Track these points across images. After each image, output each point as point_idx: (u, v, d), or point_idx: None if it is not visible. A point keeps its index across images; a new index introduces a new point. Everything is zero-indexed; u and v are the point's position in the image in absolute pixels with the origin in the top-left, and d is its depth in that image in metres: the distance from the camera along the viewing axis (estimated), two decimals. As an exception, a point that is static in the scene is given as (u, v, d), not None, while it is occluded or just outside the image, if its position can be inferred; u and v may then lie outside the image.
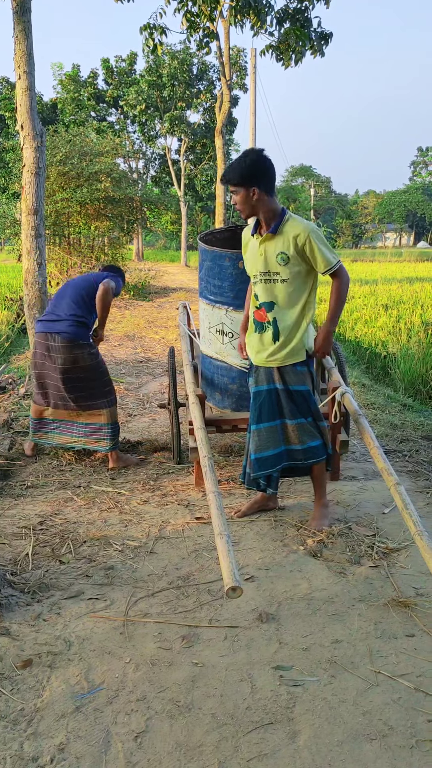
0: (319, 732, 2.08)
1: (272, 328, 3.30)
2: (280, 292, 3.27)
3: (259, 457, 3.41)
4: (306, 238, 3.16)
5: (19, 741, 2.04)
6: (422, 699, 2.22)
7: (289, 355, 3.33)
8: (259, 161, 3.15)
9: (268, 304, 3.30)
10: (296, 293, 3.27)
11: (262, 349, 3.36)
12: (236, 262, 3.86)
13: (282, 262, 3.22)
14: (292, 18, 10.66)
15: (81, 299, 4.45)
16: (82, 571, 3.09)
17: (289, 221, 3.21)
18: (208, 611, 2.75)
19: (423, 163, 79.61)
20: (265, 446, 3.39)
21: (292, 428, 3.38)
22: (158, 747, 2.02)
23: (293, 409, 3.36)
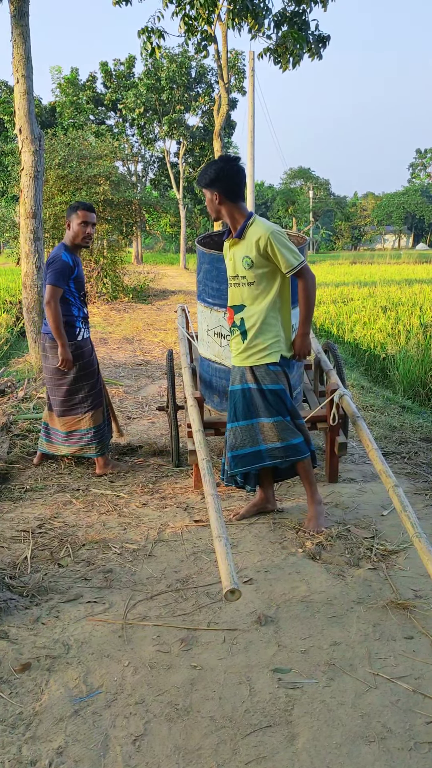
0: (317, 734, 2.08)
1: (239, 329, 3.39)
2: (246, 295, 3.36)
3: (235, 454, 3.47)
4: (267, 240, 3.22)
5: (18, 745, 2.04)
6: (420, 701, 2.22)
7: (259, 356, 3.36)
8: (225, 167, 3.27)
9: (238, 306, 3.40)
10: (261, 295, 3.33)
11: (235, 350, 3.45)
12: None
13: (247, 266, 3.30)
14: (290, 21, 10.69)
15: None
16: (80, 574, 3.09)
17: (252, 225, 3.29)
18: (207, 614, 2.75)
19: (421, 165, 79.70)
20: (241, 444, 3.44)
21: (270, 426, 3.39)
22: (157, 750, 2.02)
23: (268, 408, 3.39)
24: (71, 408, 4.38)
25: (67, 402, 4.37)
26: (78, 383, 4.34)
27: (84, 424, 4.39)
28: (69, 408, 4.38)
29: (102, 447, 4.46)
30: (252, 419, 3.42)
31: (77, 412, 4.38)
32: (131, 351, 9.54)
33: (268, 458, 3.42)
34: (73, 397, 4.36)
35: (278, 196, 73.28)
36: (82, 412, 4.37)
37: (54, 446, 4.52)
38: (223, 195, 3.29)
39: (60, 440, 4.48)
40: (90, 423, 4.39)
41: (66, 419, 4.40)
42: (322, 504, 3.61)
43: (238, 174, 3.29)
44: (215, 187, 3.28)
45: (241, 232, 3.30)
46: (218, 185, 3.27)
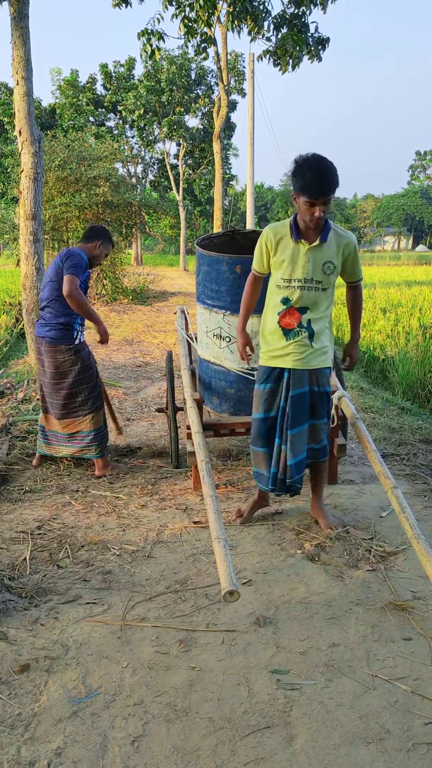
0: (315, 735, 2.08)
1: (307, 331, 3.26)
2: (319, 300, 3.26)
3: (297, 461, 3.34)
4: (352, 249, 3.24)
5: (17, 745, 2.04)
6: (419, 702, 2.22)
7: (323, 358, 3.34)
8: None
9: (303, 309, 3.25)
10: (329, 301, 3.33)
11: (298, 352, 3.27)
12: (233, 266, 3.87)
13: (328, 271, 3.21)
14: (290, 23, 10.70)
15: (57, 298, 4.23)
16: (79, 575, 3.09)
17: (336, 231, 3.22)
18: (206, 615, 2.75)
19: (421, 167, 79.77)
20: (300, 450, 3.35)
21: (317, 428, 3.41)
22: (155, 751, 2.02)
23: (321, 410, 3.39)
24: (72, 411, 4.37)
25: (68, 405, 4.36)
26: (78, 386, 4.33)
27: (85, 426, 4.39)
28: (70, 411, 4.37)
29: (102, 449, 4.46)
30: (305, 423, 3.35)
31: (78, 415, 4.38)
32: (131, 352, 9.54)
33: (307, 458, 3.44)
34: (74, 400, 4.35)
35: (278, 197, 73.31)
36: (83, 414, 4.37)
37: (53, 447, 4.52)
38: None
39: (60, 442, 4.48)
40: (91, 425, 4.39)
41: (66, 421, 4.40)
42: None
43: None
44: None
45: (327, 235, 3.17)
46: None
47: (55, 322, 4.27)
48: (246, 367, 3.97)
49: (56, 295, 4.24)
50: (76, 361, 4.30)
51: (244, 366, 3.98)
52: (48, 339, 4.27)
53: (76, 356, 4.30)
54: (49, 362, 4.31)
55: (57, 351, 4.26)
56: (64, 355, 4.27)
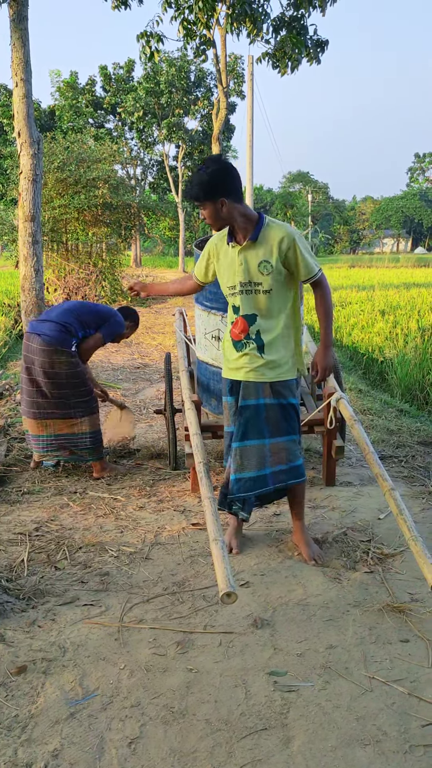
0: (313, 737, 2.08)
1: (255, 342, 3.07)
2: (262, 304, 3.05)
3: (240, 477, 3.14)
4: (291, 243, 2.97)
5: (13, 747, 2.04)
6: (416, 704, 2.22)
7: (279, 371, 3.10)
8: (221, 170, 2.93)
9: (250, 316, 3.07)
10: (279, 304, 3.07)
11: (248, 363, 3.09)
12: None
13: (265, 272, 3.00)
14: (288, 25, 10.72)
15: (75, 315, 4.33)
16: (77, 577, 3.09)
17: (270, 226, 3.01)
18: (203, 617, 2.75)
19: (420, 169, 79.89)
20: (248, 466, 3.14)
21: (282, 446, 3.15)
22: (152, 753, 2.02)
23: (284, 426, 3.14)
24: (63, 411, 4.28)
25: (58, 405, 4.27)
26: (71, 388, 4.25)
27: (79, 428, 4.32)
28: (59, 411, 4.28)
29: (99, 452, 4.42)
30: (264, 439, 3.13)
31: (70, 416, 4.29)
32: (129, 354, 9.54)
33: (272, 482, 3.17)
34: (66, 401, 4.27)
35: (277, 199, 73.38)
36: (77, 417, 4.30)
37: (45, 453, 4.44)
38: (231, 200, 2.94)
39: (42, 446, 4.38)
40: (86, 428, 4.33)
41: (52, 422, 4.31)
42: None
43: (235, 171, 2.97)
44: (219, 195, 2.91)
45: (258, 233, 2.98)
46: (221, 191, 2.91)
47: (59, 323, 4.24)
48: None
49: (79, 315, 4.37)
50: (72, 365, 4.24)
51: None
52: (45, 337, 4.16)
53: (73, 360, 4.25)
54: (42, 362, 4.18)
55: (53, 352, 4.16)
56: (61, 358, 4.19)
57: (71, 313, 4.37)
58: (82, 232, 17.14)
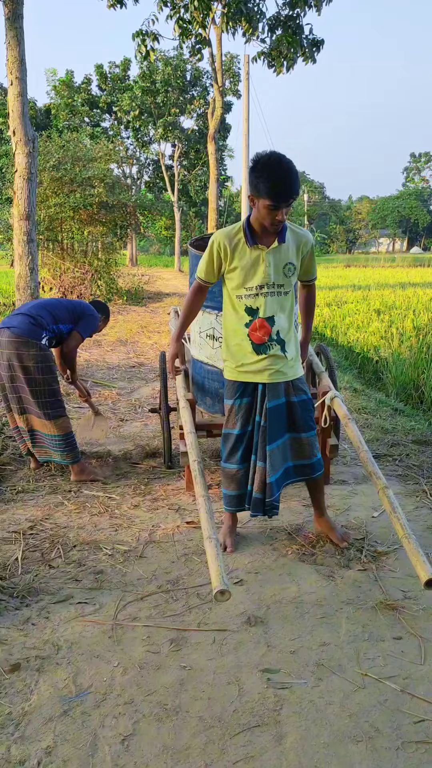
0: (305, 734, 2.09)
1: (278, 344, 3.08)
2: (282, 305, 3.08)
3: (276, 478, 3.15)
4: (310, 247, 3.13)
5: (6, 744, 2.04)
6: (408, 701, 2.23)
7: (299, 367, 3.22)
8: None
9: (271, 318, 3.06)
10: (290, 303, 3.12)
11: (272, 366, 3.10)
12: None
13: (289, 273, 3.04)
14: (284, 25, 10.74)
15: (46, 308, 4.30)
16: (71, 575, 3.09)
17: (291, 229, 3.05)
18: (197, 615, 2.75)
19: (416, 169, 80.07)
20: (279, 465, 3.17)
21: (302, 442, 3.22)
22: (145, 750, 2.03)
23: (304, 422, 3.20)
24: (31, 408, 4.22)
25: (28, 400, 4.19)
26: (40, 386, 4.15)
27: (49, 429, 4.22)
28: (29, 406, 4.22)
29: (74, 455, 4.31)
30: (285, 435, 3.19)
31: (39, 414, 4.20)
32: (125, 353, 9.54)
33: (294, 475, 3.26)
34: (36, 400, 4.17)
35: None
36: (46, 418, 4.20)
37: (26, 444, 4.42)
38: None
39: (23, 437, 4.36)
40: (55, 430, 4.22)
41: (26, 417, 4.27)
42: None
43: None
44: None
45: (284, 236, 2.99)
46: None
47: (29, 315, 4.19)
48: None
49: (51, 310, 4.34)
50: (41, 359, 4.12)
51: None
52: (14, 329, 4.08)
53: (42, 354, 4.12)
54: (9, 354, 4.08)
55: (22, 344, 4.06)
56: (30, 350, 4.08)
57: (43, 307, 4.33)
58: (77, 231, 17.12)
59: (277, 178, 2.77)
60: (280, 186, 2.78)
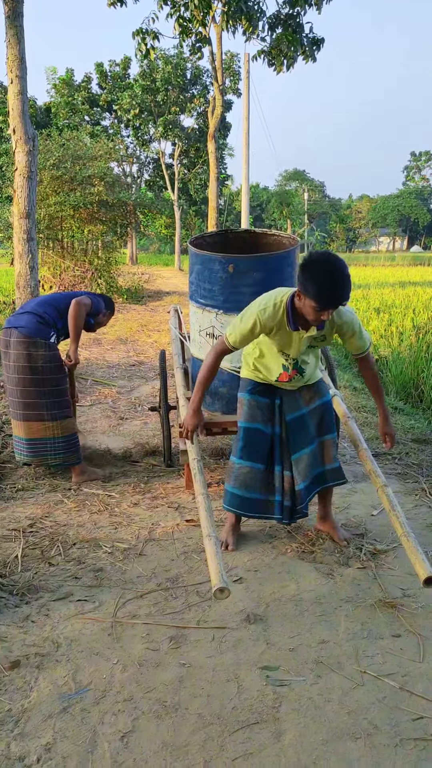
0: (304, 731, 2.09)
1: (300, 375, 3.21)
2: (310, 358, 3.22)
3: (306, 485, 3.25)
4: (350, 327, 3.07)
5: (6, 741, 2.05)
6: (407, 698, 2.24)
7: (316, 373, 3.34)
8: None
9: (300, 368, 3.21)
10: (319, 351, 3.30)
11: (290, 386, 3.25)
12: (226, 265, 3.88)
13: (321, 340, 3.11)
14: (284, 23, 10.73)
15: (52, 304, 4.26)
16: (71, 573, 3.10)
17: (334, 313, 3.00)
18: (196, 612, 2.76)
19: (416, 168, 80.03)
20: (308, 473, 3.26)
21: (328, 444, 3.33)
22: (144, 747, 2.03)
23: (328, 423, 3.32)
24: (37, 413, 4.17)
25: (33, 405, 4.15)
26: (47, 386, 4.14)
27: (51, 432, 4.20)
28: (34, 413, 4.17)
29: (76, 457, 4.31)
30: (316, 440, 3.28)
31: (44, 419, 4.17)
32: (125, 352, 9.54)
33: (330, 480, 3.34)
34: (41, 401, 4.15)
35: (273, 198, 73.43)
36: (50, 420, 4.18)
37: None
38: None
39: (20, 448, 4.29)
40: (60, 432, 4.21)
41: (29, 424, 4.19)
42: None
43: None
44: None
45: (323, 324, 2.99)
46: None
47: (36, 313, 4.16)
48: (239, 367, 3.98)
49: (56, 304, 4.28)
50: (50, 359, 4.11)
51: (236, 365, 3.98)
52: (23, 329, 4.06)
53: (51, 353, 4.12)
54: (17, 355, 4.05)
55: (31, 344, 4.04)
56: (39, 350, 4.06)
57: (48, 303, 4.28)
58: (77, 230, 17.13)
59: (326, 286, 2.73)
60: (328, 294, 2.74)
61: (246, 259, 3.89)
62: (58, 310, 4.28)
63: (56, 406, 4.18)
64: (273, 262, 3.90)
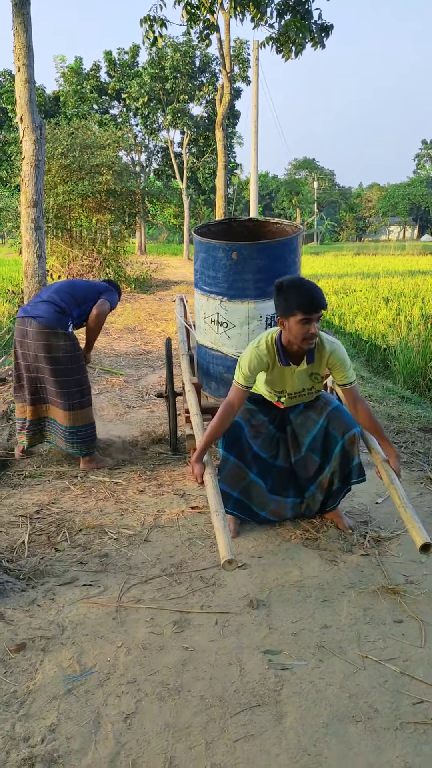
0: (305, 714, 2.12)
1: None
2: (308, 398, 3.32)
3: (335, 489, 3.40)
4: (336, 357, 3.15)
5: (11, 722, 2.08)
6: (408, 682, 2.26)
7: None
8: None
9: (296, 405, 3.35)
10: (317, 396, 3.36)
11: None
12: (230, 253, 3.89)
13: (316, 380, 3.23)
14: (293, 10, 10.65)
15: (69, 292, 4.28)
16: (76, 558, 3.13)
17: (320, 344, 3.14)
18: (200, 597, 2.79)
19: (427, 156, 79.33)
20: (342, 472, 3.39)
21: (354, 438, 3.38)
22: (147, 728, 2.06)
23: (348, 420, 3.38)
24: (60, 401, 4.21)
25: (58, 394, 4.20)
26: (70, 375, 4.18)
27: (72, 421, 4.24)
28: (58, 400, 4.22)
29: (92, 446, 4.35)
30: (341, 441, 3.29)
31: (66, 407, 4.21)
32: (132, 341, 9.57)
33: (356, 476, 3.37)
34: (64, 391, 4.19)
35: (282, 186, 73.06)
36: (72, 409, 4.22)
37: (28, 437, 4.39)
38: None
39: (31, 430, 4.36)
40: (81, 421, 4.25)
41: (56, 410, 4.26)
42: None
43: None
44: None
45: (312, 356, 3.14)
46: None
47: (53, 302, 4.17)
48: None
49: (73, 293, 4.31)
50: (70, 348, 4.15)
51: (239, 351, 4.00)
52: (41, 319, 4.07)
53: (71, 343, 4.16)
54: (37, 345, 4.09)
55: (51, 334, 4.08)
56: (59, 341, 4.10)
57: (64, 291, 4.29)
58: (86, 219, 17.13)
59: (305, 290, 2.91)
60: (309, 296, 2.89)
61: (249, 246, 3.91)
62: (75, 298, 4.29)
63: (75, 395, 4.21)
64: (276, 249, 3.92)
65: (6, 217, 16.79)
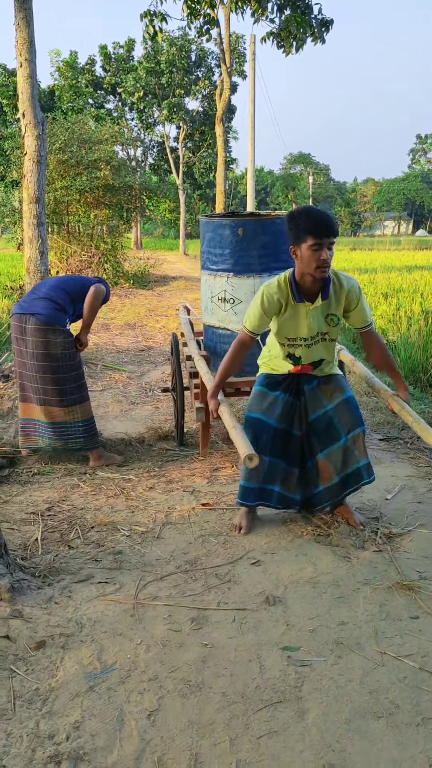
0: (327, 710, 2.13)
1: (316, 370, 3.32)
2: (327, 349, 3.26)
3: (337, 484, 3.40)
4: (355, 295, 3.11)
5: (35, 719, 2.09)
6: (427, 678, 2.28)
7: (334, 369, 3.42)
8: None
9: (317, 362, 3.27)
10: (335, 344, 3.32)
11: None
12: (235, 229, 4.17)
13: (332, 323, 3.16)
14: (293, 5, 10.62)
15: (64, 289, 4.28)
16: (90, 555, 3.14)
17: (333, 282, 3.10)
18: (216, 594, 2.80)
19: (422, 151, 79.29)
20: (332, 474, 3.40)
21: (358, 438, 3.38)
22: (171, 724, 2.08)
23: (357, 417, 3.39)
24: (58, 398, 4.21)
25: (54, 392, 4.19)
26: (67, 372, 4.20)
27: (72, 417, 4.26)
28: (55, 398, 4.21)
29: (94, 440, 4.37)
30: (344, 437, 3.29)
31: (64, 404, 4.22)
32: (133, 337, 9.56)
33: (365, 476, 3.36)
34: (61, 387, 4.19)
35: (278, 181, 73.00)
36: (70, 405, 4.23)
37: (31, 438, 4.37)
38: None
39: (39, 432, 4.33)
40: (80, 416, 4.28)
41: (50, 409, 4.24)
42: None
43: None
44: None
45: (328, 292, 3.07)
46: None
47: (51, 299, 4.18)
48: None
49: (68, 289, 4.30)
50: (68, 345, 4.17)
51: None
52: (40, 316, 4.08)
53: (69, 340, 4.18)
54: (35, 342, 4.10)
55: (50, 331, 4.09)
56: (58, 338, 4.12)
57: (60, 288, 4.29)
58: (83, 214, 17.08)
59: (315, 215, 2.92)
60: (320, 221, 2.90)
61: (254, 222, 4.21)
62: (70, 295, 4.30)
63: (74, 391, 4.24)
64: (279, 225, 4.18)
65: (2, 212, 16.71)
